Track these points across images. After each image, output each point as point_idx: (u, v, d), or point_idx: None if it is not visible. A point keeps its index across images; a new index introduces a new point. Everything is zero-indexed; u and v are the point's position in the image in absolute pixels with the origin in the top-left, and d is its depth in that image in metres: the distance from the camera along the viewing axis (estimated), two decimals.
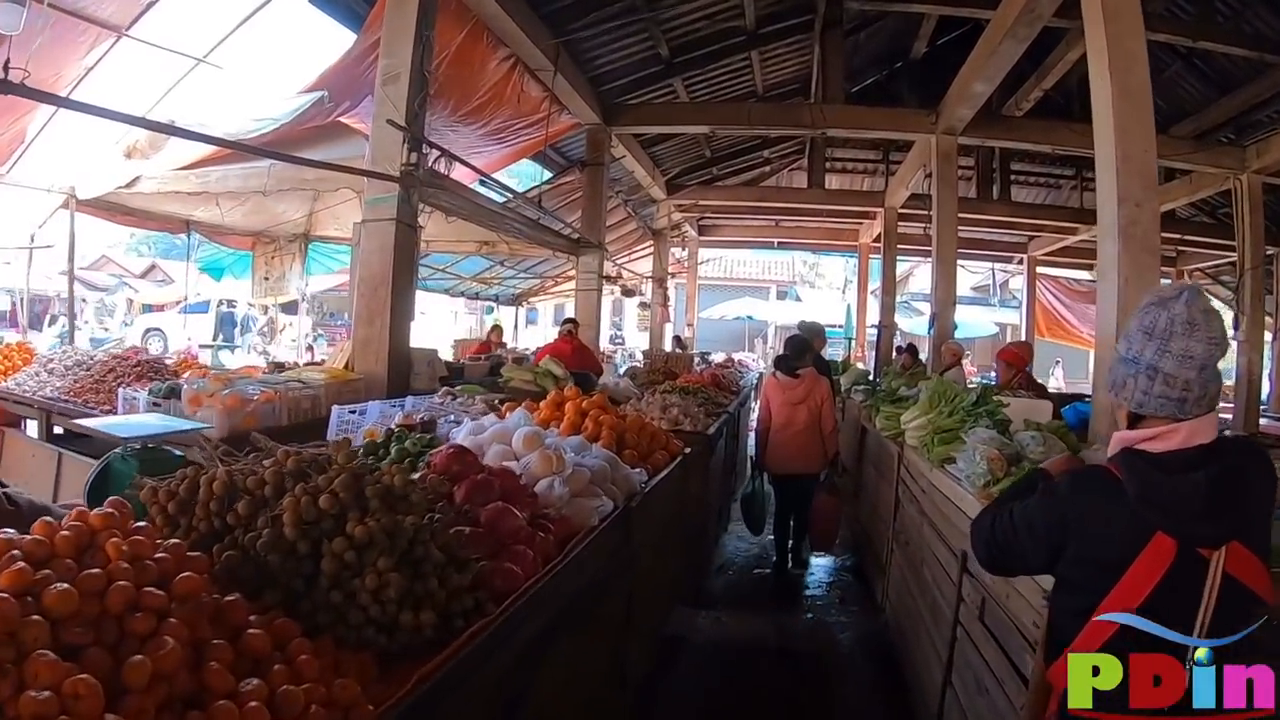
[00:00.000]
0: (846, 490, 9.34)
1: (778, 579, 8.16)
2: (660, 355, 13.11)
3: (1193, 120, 14.46)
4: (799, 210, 21.80)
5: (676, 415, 6.59)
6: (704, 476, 6.37)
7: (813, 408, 7.76)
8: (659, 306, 19.55)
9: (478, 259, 16.45)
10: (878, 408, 8.03)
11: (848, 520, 9.06)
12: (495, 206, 10.57)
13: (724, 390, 10.32)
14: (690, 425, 6.54)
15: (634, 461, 4.45)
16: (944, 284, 12.60)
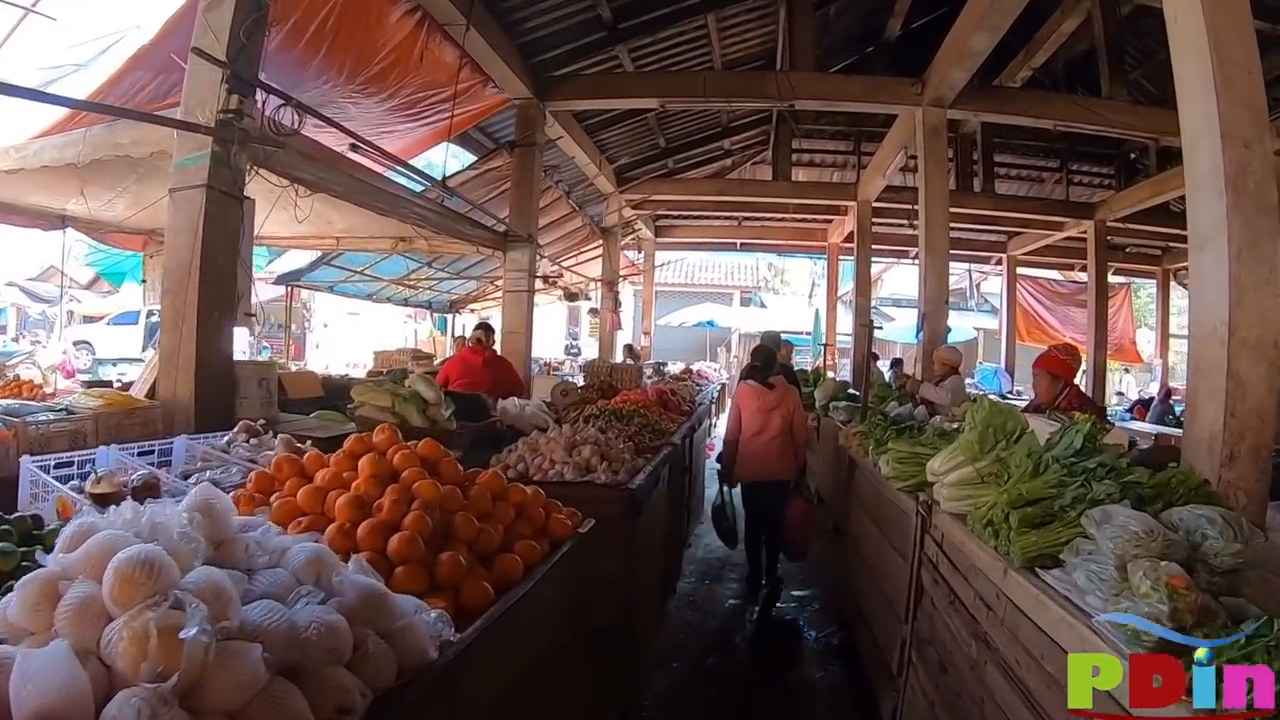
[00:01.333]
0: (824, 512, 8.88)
1: (757, 619, 7.38)
2: (602, 368, 11.23)
3: None
4: (763, 206, 19.96)
5: (588, 458, 4.55)
6: (625, 550, 4.32)
7: (785, 415, 7.51)
8: (609, 313, 17.60)
9: (401, 259, 14.49)
10: (876, 440, 6.16)
11: (830, 570, 8.18)
12: (384, 184, 8.62)
13: (672, 411, 8.48)
14: (606, 474, 4.48)
15: (454, 578, 2.54)
16: (935, 279, 10.87)
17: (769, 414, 7.45)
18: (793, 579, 8.04)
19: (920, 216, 11.17)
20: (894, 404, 8.60)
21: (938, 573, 4.14)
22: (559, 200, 15.36)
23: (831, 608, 7.34)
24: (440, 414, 5.05)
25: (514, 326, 11.16)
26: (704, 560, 8.85)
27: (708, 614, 7.30)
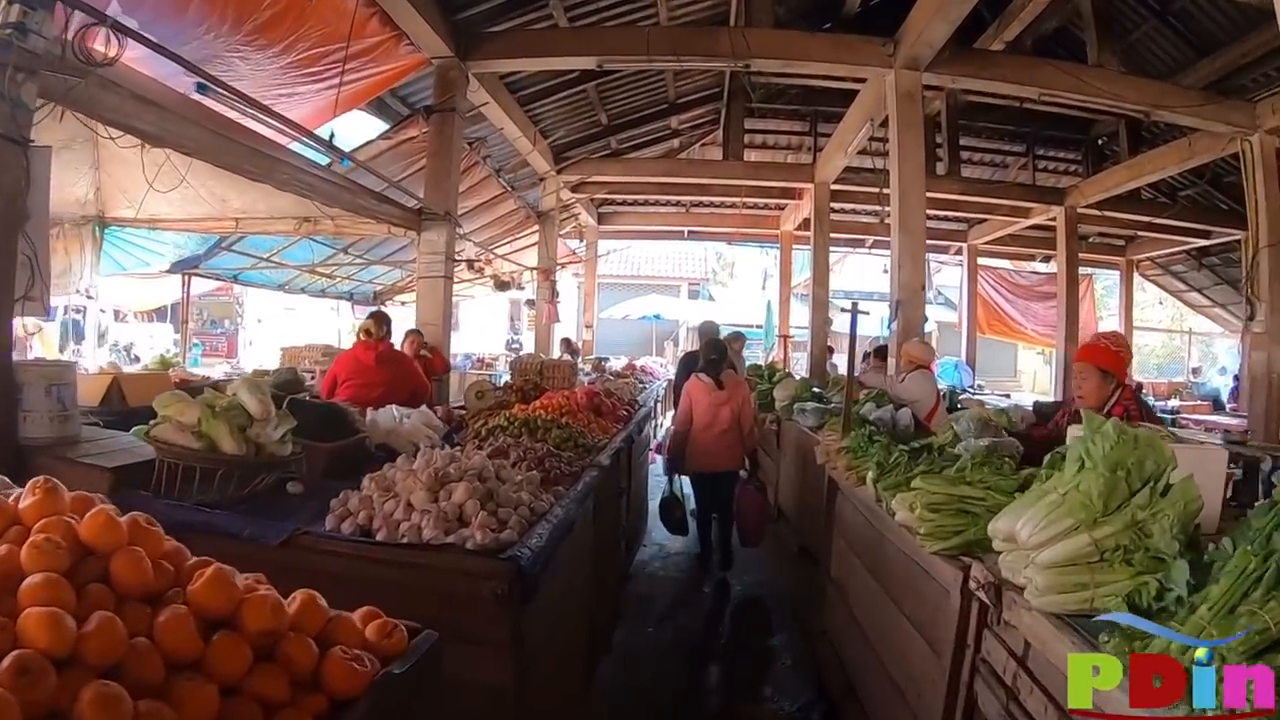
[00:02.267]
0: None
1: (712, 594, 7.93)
2: (531, 365, 9.78)
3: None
4: (712, 190, 18.51)
5: (461, 503, 3.07)
6: (510, 653, 2.74)
7: (734, 409, 7.81)
8: (545, 304, 16.04)
9: (311, 244, 13.00)
10: (879, 466, 4.62)
11: (800, 604, 7.17)
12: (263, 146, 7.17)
13: (606, 417, 7.07)
14: (485, 529, 2.94)
15: None
16: (910, 263, 9.59)
17: (719, 409, 7.69)
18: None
19: (893, 194, 9.87)
20: (870, 405, 7.31)
21: (1018, 705, 2.64)
22: (488, 180, 13.86)
23: (808, 666, 5.89)
24: (267, 434, 3.61)
25: (430, 317, 9.72)
26: (647, 596, 7.49)
27: (654, 676, 5.75)
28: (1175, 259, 22.65)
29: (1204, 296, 23.60)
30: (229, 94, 6.58)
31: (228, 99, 6.80)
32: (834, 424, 7.21)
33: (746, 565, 8.26)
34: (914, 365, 8.34)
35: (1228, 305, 22.57)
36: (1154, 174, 14.46)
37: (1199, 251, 21.07)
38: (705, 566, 8.30)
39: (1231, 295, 21.54)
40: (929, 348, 8.87)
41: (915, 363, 8.36)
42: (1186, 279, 23.44)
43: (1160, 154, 13.72)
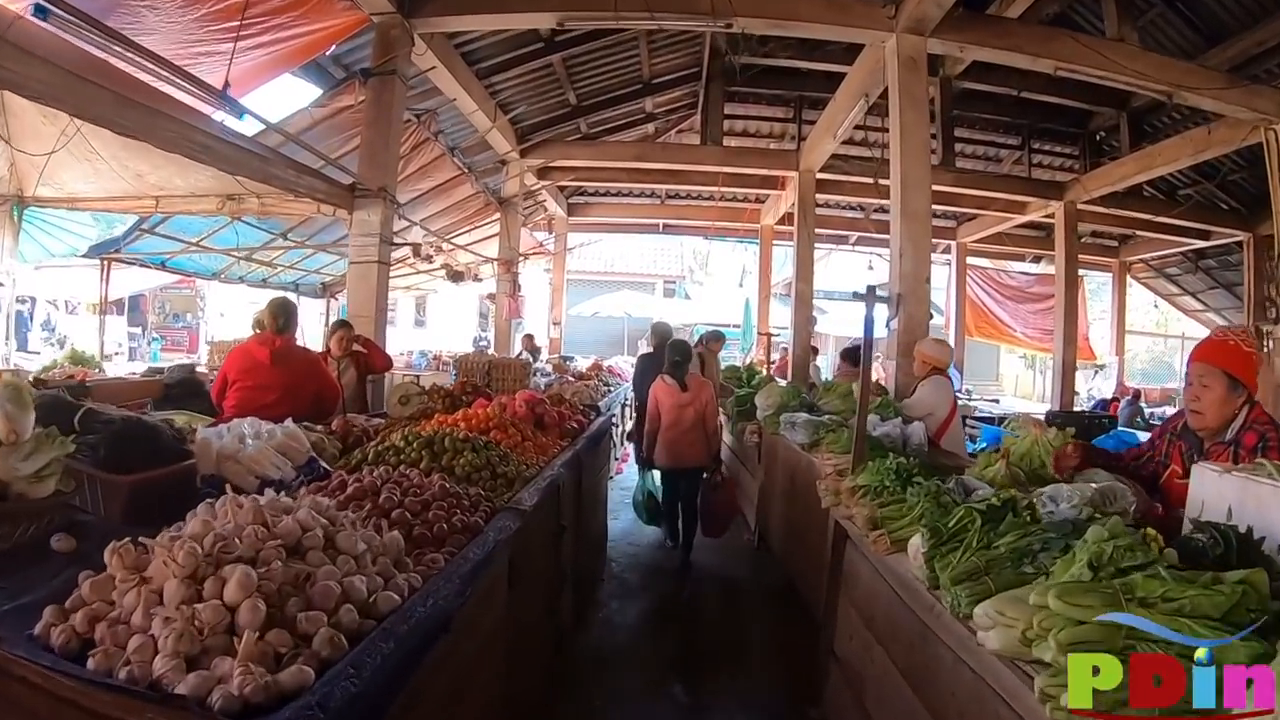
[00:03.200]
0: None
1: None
2: (477, 365, 8.54)
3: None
4: (689, 178, 17.15)
5: (232, 607, 1.78)
6: None
7: (698, 410, 8.07)
8: (506, 298, 14.74)
9: (246, 227, 11.74)
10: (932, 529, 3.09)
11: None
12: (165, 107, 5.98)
13: (551, 431, 5.80)
14: (243, 678, 1.36)
15: None
16: (913, 251, 8.43)
17: (683, 410, 8.03)
18: None
19: (893, 175, 8.71)
20: (872, 419, 6.19)
21: None
22: (441, 160, 12.62)
23: None
24: (12, 465, 2.39)
25: (361, 308, 8.46)
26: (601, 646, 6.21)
27: None
28: (1170, 261, 21.83)
29: (1197, 300, 22.75)
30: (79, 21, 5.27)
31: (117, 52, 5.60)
32: (832, 442, 6.08)
33: (726, 598, 7.23)
34: (929, 369, 7.27)
35: (1222, 310, 21.80)
36: (1165, 166, 13.43)
37: (1195, 254, 20.30)
38: (672, 548, 8.70)
39: (1227, 300, 21.06)
40: (946, 347, 7.72)
41: (931, 366, 7.28)
42: (1180, 282, 22.60)
43: (1174, 144, 12.75)
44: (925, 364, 7.33)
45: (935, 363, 7.29)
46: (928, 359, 7.33)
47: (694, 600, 7.32)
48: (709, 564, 8.31)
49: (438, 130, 11.60)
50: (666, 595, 7.48)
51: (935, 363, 7.29)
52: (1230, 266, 19.90)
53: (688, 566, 8.24)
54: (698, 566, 8.16)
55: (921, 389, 7.14)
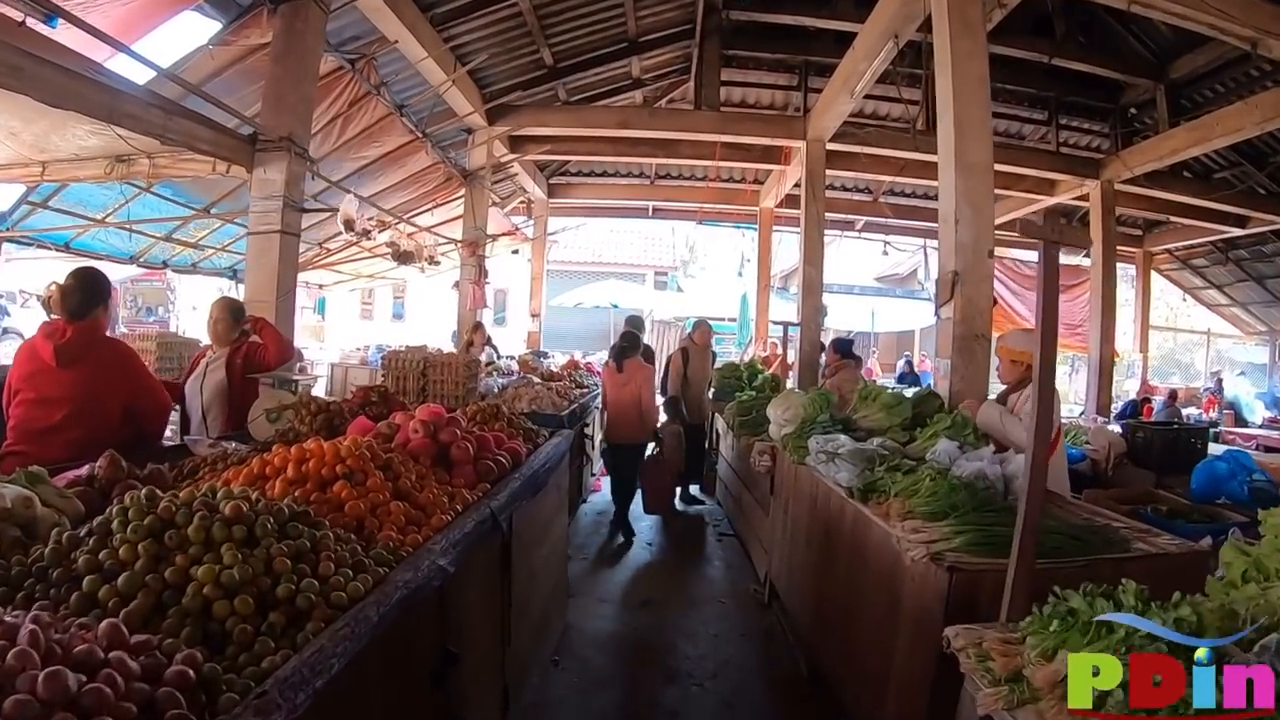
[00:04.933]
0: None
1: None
2: (408, 362, 6.69)
3: None
4: (680, 150, 15.01)
5: None
6: None
7: (634, 391, 9.08)
8: (470, 285, 12.80)
9: (160, 202, 9.91)
10: None
11: None
12: None
13: (461, 471, 3.75)
14: None
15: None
16: (973, 214, 6.52)
17: (620, 390, 9.16)
18: None
19: (942, 119, 6.87)
20: (946, 447, 4.36)
21: None
22: (388, 121, 10.65)
23: None
24: None
25: (259, 291, 6.60)
26: None
27: None
28: (1196, 252, 20.59)
29: (1223, 294, 21.95)
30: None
31: None
32: (907, 490, 4.01)
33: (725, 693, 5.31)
34: (1023, 370, 5.29)
35: (1249, 305, 21.30)
36: (1224, 137, 11.89)
37: (1226, 244, 19.12)
38: (616, 524, 9.37)
39: (1257, 293, 20.51)
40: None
41: (1026, 365, 5.21)
42: (1207, 274, 21.53)
43: (1236, 112, 11.32)
44: (1016, 365, 5.34)
45: (1026, 362, 5.22)
46: (1021, 355, 5.28)
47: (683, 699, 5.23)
48: (702, 627, 6.45)
49: (380, 83, 9.66)
50: (643, 685, 5.44)
51: (1026, 362, 5.22)
52: (1263, 258, 19.13)
53: (629, 539, 8.97)
54: (686, 634, 6.30)
55: (1026, 404, 5.04)
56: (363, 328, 32.18)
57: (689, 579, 7.66)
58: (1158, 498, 6.16)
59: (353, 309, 34.16)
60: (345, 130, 10.02)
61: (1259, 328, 22.21)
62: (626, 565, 8.00)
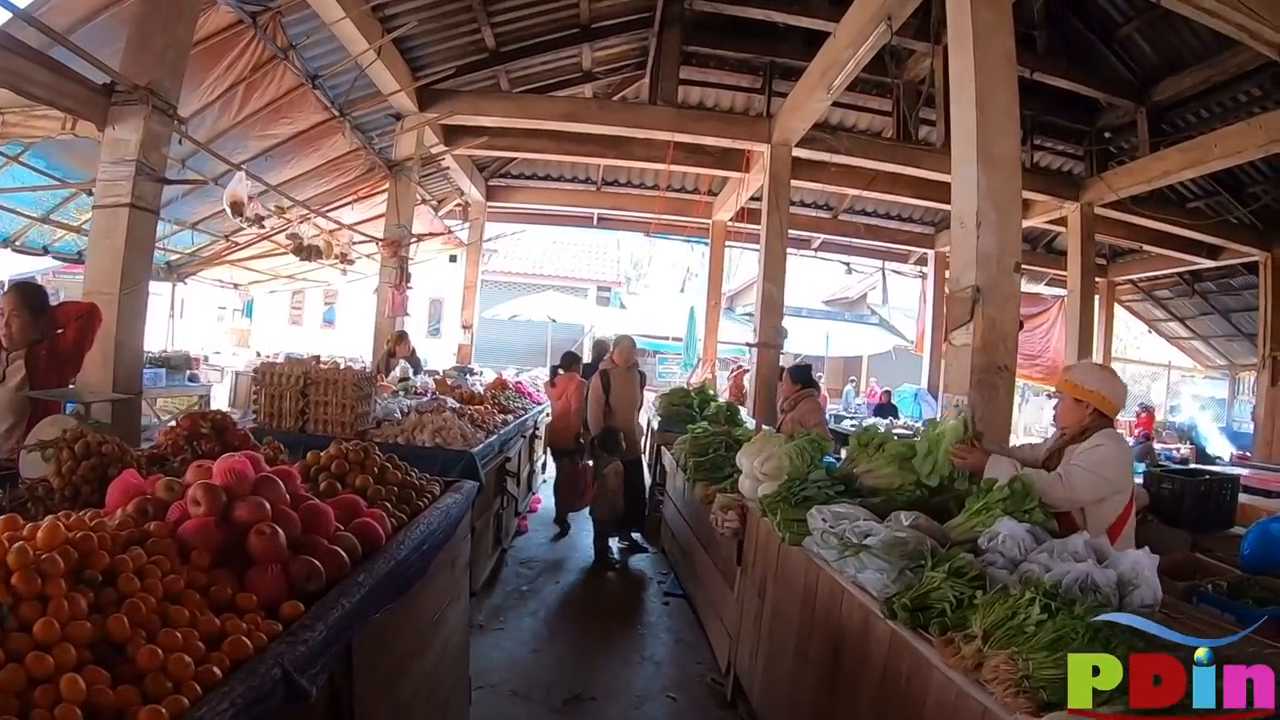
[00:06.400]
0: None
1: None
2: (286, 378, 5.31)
3: None
4: (631, 151, 13.78)
5: None
6: None
7: (565, 402, 10.04)
8: (390, 289, 11.38)
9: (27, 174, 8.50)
10: None
11: None
12: None
13: (262, 580, 2.22)
14: None
15: None
16: (999, 217, 5.44)
17: (555, 402, 10.41)
18: None
19: (959, 104, 5.75)
20: (1005, 523, 3.17)
21: None
22: (299, 96, 9.23)
23: None
24: None
25: (101, 282, 5.15)
26: None
27: None
28: (1160, 284, 20.28)
29: (1185, 327, 21.45)
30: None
31: None
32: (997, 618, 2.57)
33: None
34: (1090, 414, 4.15)
35: (1210, 338, 20.87)
36: (1222, 160, 11.16)
37: (1192, 276, 18.74)
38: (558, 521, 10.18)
39: (1219, 327, 20.22)
40: (1116, 377, 4.37)
41: (1092, 409, 4.14)
42: (1170, 306, 21.07)
43: (1238, 132, 10.59)
44: (1081, 403, 4.14)
45: (1103, 405, 4.10)
46: (1089, 396, 4.12)
47: None
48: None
49: (288, 46, 8.25)
50: None
51: (1103, 405, 4.10)
52: (1231, 290, 18.69)
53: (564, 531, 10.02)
54: None
55: (1092, 452, 3.98)
56: (291, 333, 30.53)
57: (630, 661, 6.14)
58: (1205, 567, 5.10)
59: (283, 313, 32.49)
60: (248, 101, 8.60)
61: (1219, 361, 21.80)
62: (553, 639, 6.47)
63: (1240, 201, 14.39)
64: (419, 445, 6.14)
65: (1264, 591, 4.56)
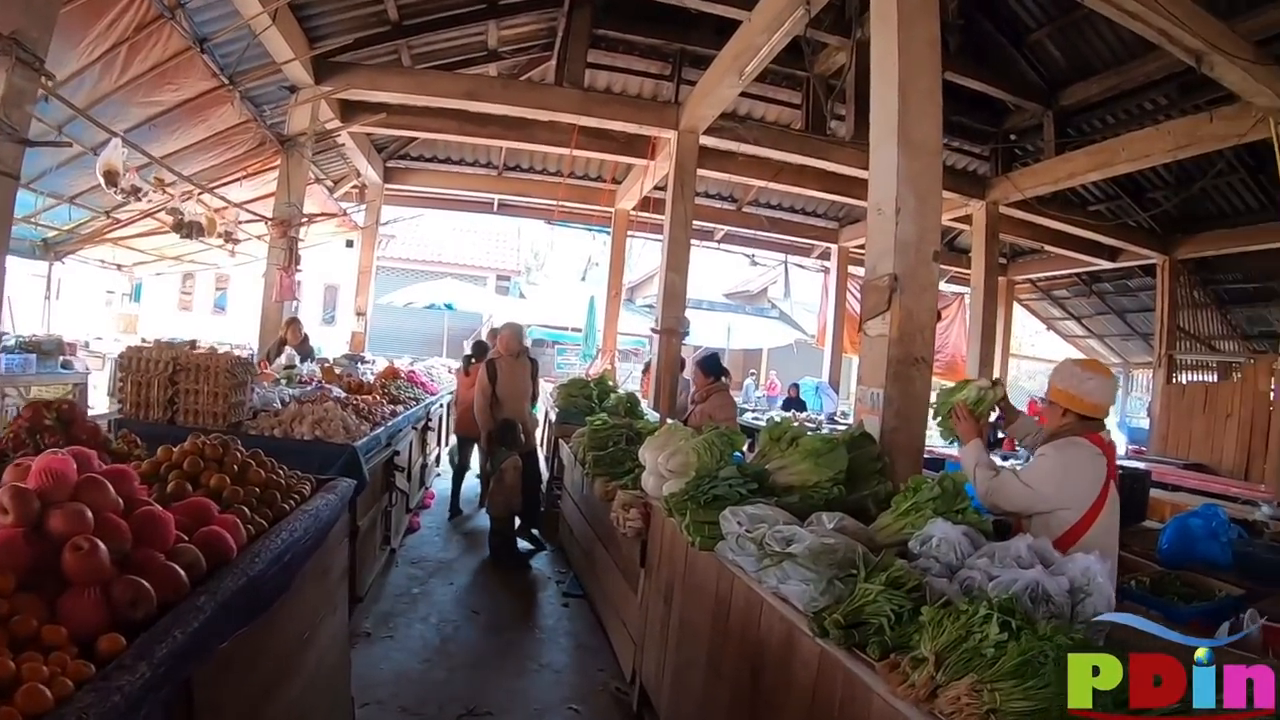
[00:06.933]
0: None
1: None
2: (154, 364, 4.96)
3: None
4: (535, 134, 13.38)
5: None
6: None
7: (469, 391, 9.92)
8: (278, 272, 10.84)
9: None
10: None
11: None
12: None
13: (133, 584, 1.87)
14: None
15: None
16: (919, 205, 5.33)
17: (467, 390, 10.23)
18: None
19: (881, 80, 5.59)
20: (938, 524, 2.97)
21: None
22: (187, 60, 8.57)
23: None
24: None
25: None
26: None
27: None
28: (1058, 284, 20.97)
29: (1081, 326, 22.09)
30: None
31: None
32: (948, 641, 2.29)
33: None
34: (1064, 416, 3.99)
35: (1106, 337, 21.57)
36: (1129, 164, 11.58)
37: (1090, 276, 19.39)
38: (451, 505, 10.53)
39: (1114, 326, 21.03)
40: (1107, 377, 4.08)
41: (1070, 411, 3.96)
42: (1067, 305, 21.76)
43: (1146, 137, 11.07)
44: (1055, 405, 4.03)
45: (1072, 404, 3.93)
46: (1058, 396, 4.00)
47: None
48: None
49: (175, 4, 7.68)
50: None
51: (1072, 404, 3.93)
52: (1128, 291, 19.40)
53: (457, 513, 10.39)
54: None
55: (1034, 462, 3.91)
56: (181, 319, 29.33)
57: (528, 669, 5.75)
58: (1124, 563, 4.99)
59: (173, 298, 31.24)
60: (130, 64, 7.98)
61: (1113, 360, 22.27)
62: (445, 648, 6.03)
63: (1141, 206, 14.80)
64: (297, 438, 5.72)
65: (1186, 587, 4.60)
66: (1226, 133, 9.60)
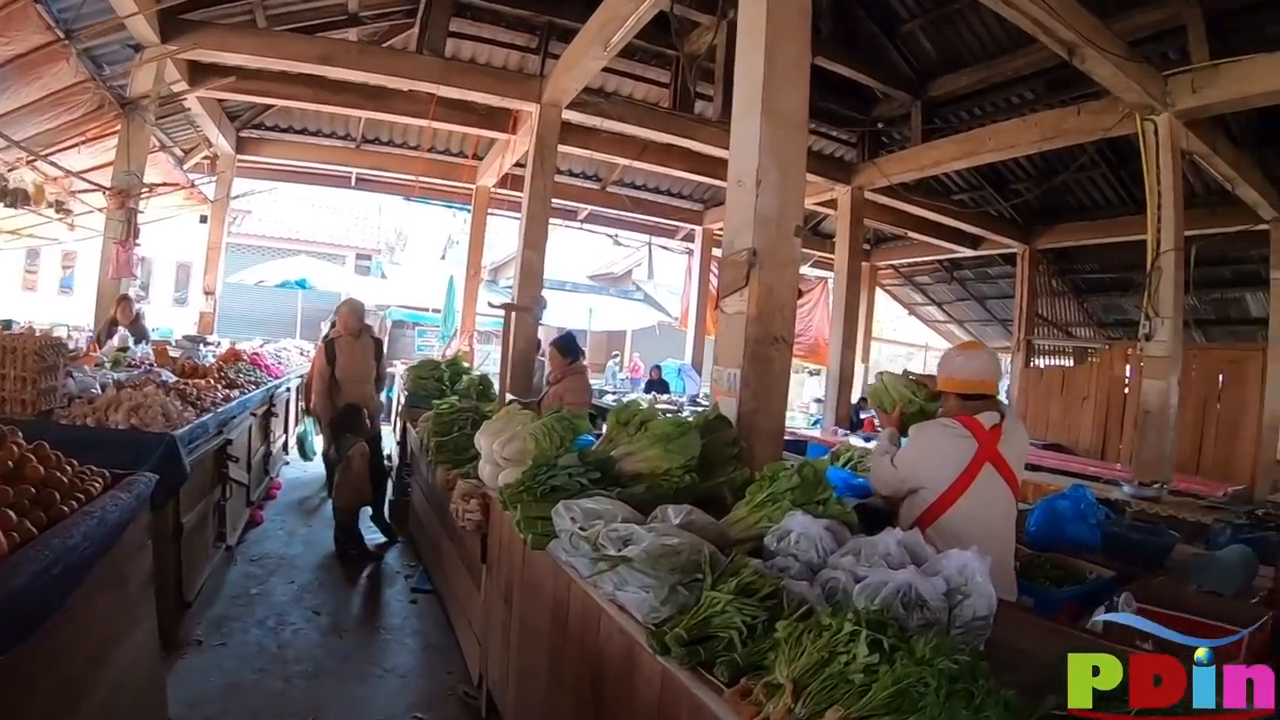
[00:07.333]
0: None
1: None
2: None
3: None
4: (393, 105, 12.94)
5: None
6: None
7: None
8: (114, 245, 10.02)
9: None
10: None
11: None
12: None
13: None
14: None
15: None
16: (781, 178, 5.09)
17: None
18: None
19: (747, 48, 5.33)
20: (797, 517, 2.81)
21: None
22: (18, 9, 7.55)
23: None
24: None
25: None
26: None
27: None
28: (920, 270, 21.53)
29: (942, 311, 22.71)
30: None
31: None
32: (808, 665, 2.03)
33: None
34: (951, 401, 4.05)
35: (965, 322, 22.18)
36: (996, 153, 12.07)
37: (952, 264, 20.03)
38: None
39: (974, 312, 21.76)
40: (988, 357, 4.12)
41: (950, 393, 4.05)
42: (929, 291, 22.34)
43: (1013, 127, 11.37)
44: (946, 394, 4.10)
45: (946, 385, 4.03)
46: (945, 380, 4.06)
47: None
48: None
49: None
50: None
51: (946, 385, 4.03)
52: (987, 279, 20.12)
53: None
54: None
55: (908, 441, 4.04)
56: (25, 300, 27.53)
57: (371, 675, 5.37)
58: None
59: (17, 278, 29.30)
60: None
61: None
62: (282, 654, 5.57)
63: (1003, 196, 15.28)
64: (111, 427, 5.17)
65: (1056, 570, 4.67)
66: (1093, 126, 9.85)
